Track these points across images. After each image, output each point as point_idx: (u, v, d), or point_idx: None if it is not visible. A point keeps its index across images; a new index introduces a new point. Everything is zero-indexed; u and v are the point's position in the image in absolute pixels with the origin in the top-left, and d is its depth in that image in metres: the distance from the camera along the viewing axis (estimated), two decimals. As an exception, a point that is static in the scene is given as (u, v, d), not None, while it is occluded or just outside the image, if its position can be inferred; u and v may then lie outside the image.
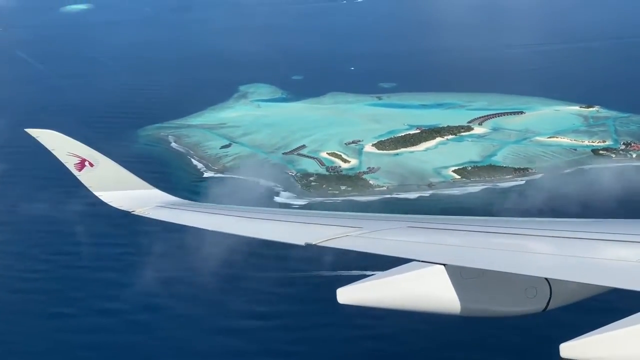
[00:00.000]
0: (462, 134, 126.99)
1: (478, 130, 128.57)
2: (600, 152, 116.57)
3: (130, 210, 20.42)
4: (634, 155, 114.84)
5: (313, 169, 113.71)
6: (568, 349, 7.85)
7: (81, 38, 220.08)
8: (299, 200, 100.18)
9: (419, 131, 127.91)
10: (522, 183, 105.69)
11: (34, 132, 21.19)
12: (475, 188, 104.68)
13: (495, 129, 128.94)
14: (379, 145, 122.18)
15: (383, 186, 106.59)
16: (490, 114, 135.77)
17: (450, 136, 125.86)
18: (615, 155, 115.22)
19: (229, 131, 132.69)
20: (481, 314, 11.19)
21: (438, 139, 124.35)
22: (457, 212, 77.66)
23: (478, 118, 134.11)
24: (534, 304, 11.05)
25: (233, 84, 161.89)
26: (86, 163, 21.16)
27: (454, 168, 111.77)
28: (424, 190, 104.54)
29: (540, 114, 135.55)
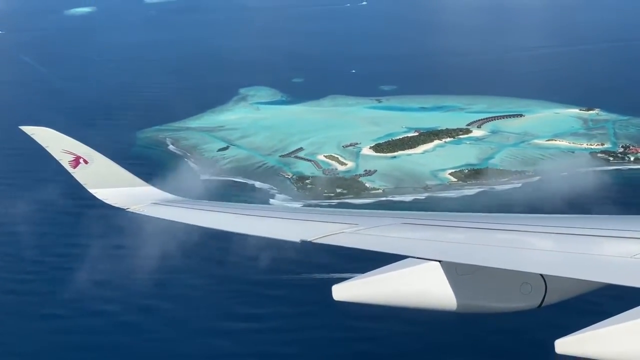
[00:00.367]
0: (461, 136, 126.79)
1: (477, 133, 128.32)
2: (598, 155, 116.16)
3: (125, 208, 20.17)
4: (631, 159, 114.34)
5: (309, 171, 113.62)
6: (563, 344, 7.84)
7: (83, 40, 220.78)
8: (294, 203, 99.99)
9: (417, 134, 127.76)
10: (519, 186, 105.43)
11: (28, 130, 20.83)
12: (471, 191, 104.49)
13: (494, 132, 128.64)
14: (377, 148, 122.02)
15: (379, 189, 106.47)
16: (489, 117, 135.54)
17: (448, 139, 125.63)
18: (613, 158, 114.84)
19: (227, 134, 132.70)
20: (476, 310, 11.15)
21: (436, 142, 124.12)
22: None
23: (477, 121, 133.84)
24: (529, 300, 10.98)
25: (233, 86, 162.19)
26: (81, 160, 20.91)
27: (451, 171, 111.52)
28: (419, 193, 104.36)
29: (540, 117, 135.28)
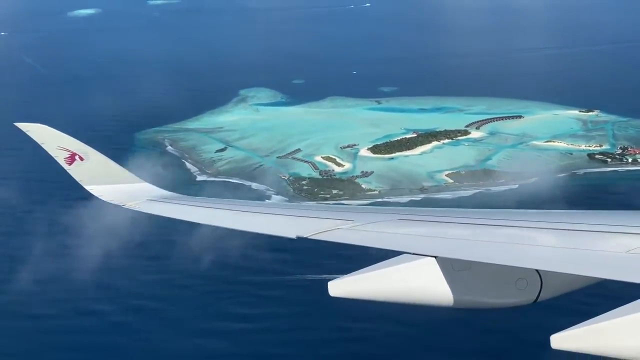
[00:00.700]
0: (459, 138, 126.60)
1: (475, 135, 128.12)
2: (596, 157, 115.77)
3: (121, 204, 19.93)
4: (629, 160, 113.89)
5: (306, 172, 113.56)
6: (559, 340, 7.84)
7: (85, 42, 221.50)
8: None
9: (415, 135, 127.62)
10: (515, 187, 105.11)
11: (23, 127, 20.86)
12: (468, 192, 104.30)
13: (493, 133, 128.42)
14: (375, 149, 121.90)
15: (375, 190, 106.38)
16: (488, 118, 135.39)
17: (446, 140, 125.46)
18: (610, 160, 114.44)
19: (225, 135, 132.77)
20: (472, 305, 11.14)
21: (434, 143, 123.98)
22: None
23: (476, 122, 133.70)
24: (524, 296, 11.00)
25: (234, 87, 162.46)
26: (76, 157, 20.82)
27: (448, 172, 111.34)
28: (415, 194, 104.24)
29: (539, 118, 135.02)
